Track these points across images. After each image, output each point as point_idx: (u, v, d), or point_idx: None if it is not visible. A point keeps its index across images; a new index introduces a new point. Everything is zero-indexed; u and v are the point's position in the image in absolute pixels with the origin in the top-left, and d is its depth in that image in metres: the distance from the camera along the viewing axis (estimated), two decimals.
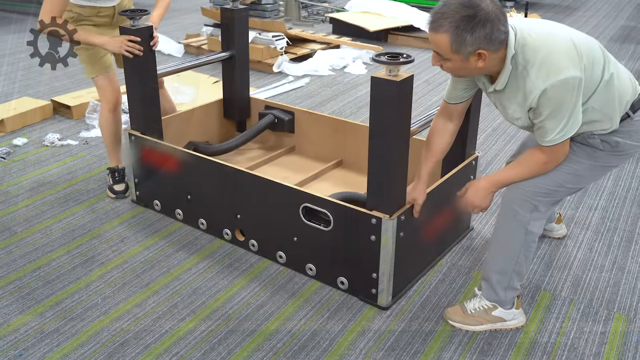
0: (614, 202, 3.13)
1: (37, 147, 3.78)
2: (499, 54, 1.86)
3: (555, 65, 1.82)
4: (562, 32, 1.93)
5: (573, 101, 1.84)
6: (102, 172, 3.45)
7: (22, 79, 5.03)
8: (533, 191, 2.05)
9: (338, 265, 2.41)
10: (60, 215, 3.01)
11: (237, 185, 2.63)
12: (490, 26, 1.77)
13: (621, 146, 2.02)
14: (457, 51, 1.81)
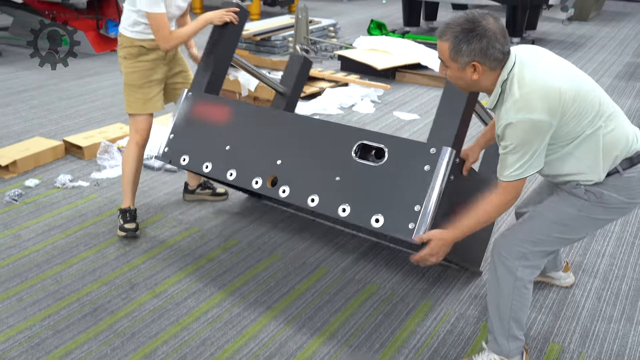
0: (622, 249, 3.14)
1: (49, 189, 3.82)
2: (494, 74, 1.96)
3: (530, 105, 1.89)
4: (557, 79, 1.93)
5: (537, 143, 1.91)
6: (112, 215, 3.49)
7: (35, 117, 5.11)
8: (520, 238, 2.12)
9: (377, 202, 2.37)
10: (70, 261, 3.04)
11: (286, 130, 2.71)
12: (487, 41, 1.88)
13: (606, 198, 2.04)
14: (454, 59, 1.93)
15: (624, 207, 2.09)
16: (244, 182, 2.73)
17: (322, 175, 2.53)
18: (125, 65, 3.13)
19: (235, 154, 2.82)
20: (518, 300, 2.16)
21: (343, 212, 2.42)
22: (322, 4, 11.01)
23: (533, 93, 1.89)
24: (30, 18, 7.54)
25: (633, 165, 2.02)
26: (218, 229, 3.33)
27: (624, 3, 11.19)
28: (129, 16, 3.06)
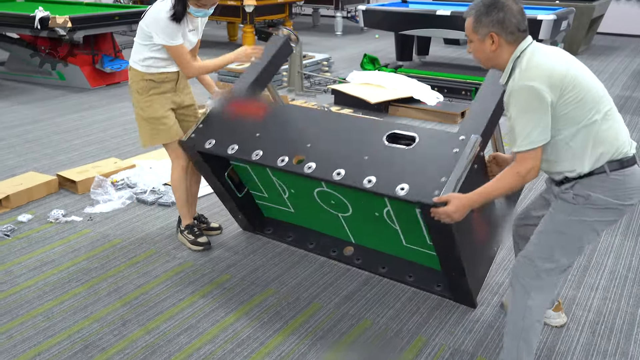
0: (615, 282, 3.14)
1: (42, 224, 3.81)
2: (510, 48, 2.17)
3: (530, 75, 2.07)
4: (563, 66, 2.09)
5: (539, 112, 2.06)
6: (105, 250, 3.47)
7: (29, 152, 5.12)
8: (531, 258, 2.28)
9: (403, 174, 2.50)
10: (62, 297, 3.01)
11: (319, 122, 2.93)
12: (504, 14, 2.12)
13: (593, 199, 2.15)
14: (475, 31, 2.18)
15: (613, 207, 2.17)
16: (269, 160, 2.85)
17: (351, 154, 2.69)
18: (139, 100, 3.23)
19: (265, 138, 2.96)
20: (530, 321, 2.29)
21: (368, 183, 2.54)
22: (315, 38, 11.16)
23: (537, 68, 2.08)
24: (26, 53, 7.61)
25: (622, 168, 2.14)
26: (211, 264, 3.32)
27: (613, 37, 11.38)
28: (139, 50, 3.16)
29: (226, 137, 3.06)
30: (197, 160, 3.25)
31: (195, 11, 3.09)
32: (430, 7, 8.65)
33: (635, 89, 7.33)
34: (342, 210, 3.11)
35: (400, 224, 2.92)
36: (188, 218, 3.49)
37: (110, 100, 6.82)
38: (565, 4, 8.79)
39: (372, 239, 3.20)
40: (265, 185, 3.35)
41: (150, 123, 3.25)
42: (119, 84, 7.62)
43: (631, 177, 2.16)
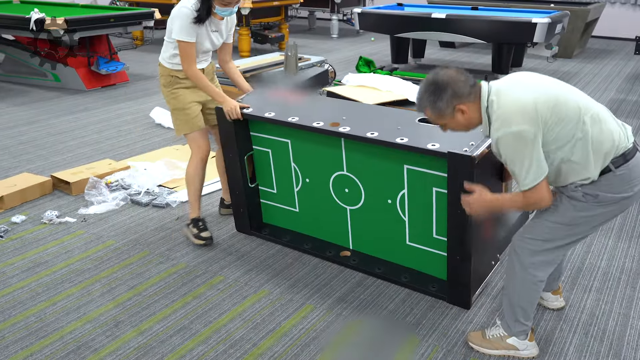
0: (609, 284, 3.14)
1: (35, 225, 3.80)
2: (476, 105, 2.23)
3: (508, 120, 2.13)
4: (531, 94, 2.16)
5: (528, 150, 2.12)
6: (99, 251, 3.47)
7: (23, 153, 5.11)
8: (531, 237, 2.37)
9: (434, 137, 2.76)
10: (55, 298, 3.01)
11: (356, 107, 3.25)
12: (451, 87, 2.19)
13: (601, 198, 2.23)
14: (441, 116, 2.25)
15: (619, 201, 2.25)
16: (305, 121, 3.06)
17: (384, 125, 2.91)
18: (166, 92, 3.42)
19: (301, 110, 3.20)
20: (526, 292, 2.43)
21: (401, 141, 2.73)
22: (311, 41, 11.17)
23: (509, 109, 2.14)
24: (21, 55, 7.60)
25: (625, 162, 2.20)
26: (205, 266, 3.31)
27: (608, 41, 11.42)
28: (167, 49, 3.33)
29: (264, 106, 3.29)
30: (227, 130, 3.36)
31: (221, 11, 3.20)
32: (426, 10, 8.68)
33: (630, 92, 7.36)
34: (352, 202, 3.18)
35: (410, 213, 2.99)
36: (196, 212, 3.56)
37: (105, 102, 6.81)
38: (560, 8, 8.83)
39: (373, 241, 3.23)
40: (279, 175, 3.43)
41: (175, 113, 3.43)
42: (114, 85, 7.61)
43: (635, 167, 2.23)
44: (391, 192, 3.01)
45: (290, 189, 3.43)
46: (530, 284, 2.42)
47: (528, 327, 2.52)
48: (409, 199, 2.97)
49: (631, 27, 11.38)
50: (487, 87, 2.23)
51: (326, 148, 3.16)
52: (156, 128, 5.82)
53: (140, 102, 6.84)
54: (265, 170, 3.50)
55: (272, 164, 3.43)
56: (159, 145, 5.29)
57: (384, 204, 3.07)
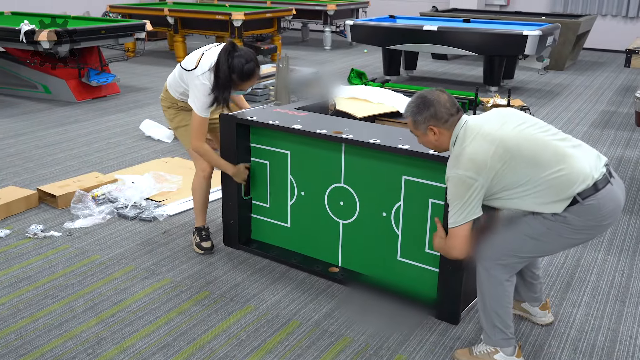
0: (598, 298, 3.11)
1: (20, 239, 3.75)
2: (448, 133, 2.37)
3: (459, 163, 2.28)
4: (492, 142, 2.26)
5: (467, 195, 2.26)
6: (83, 266, 3.42)
7: (10, 166, 5.06)
8: (497, 245, 2.42)
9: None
10: (37, 314, 2.95)
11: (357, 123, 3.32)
12: (434, 108, 2.34)
13: (569, 220, 2.27)
14: (416, 128, 2.41)
15: (589, 229, 2.30)
16: (309, 127, 3.13)
17: (386, 135, 3.00)
18: (170, 112, 3.55)
19: (305, 120, 3.27)
20: (495, 294, 2.44)
21: (403, 146, 2.83)
22: (304, 52, 11.18)
23: (465, 153, 2.28)
24: (11, 66, 7.56)
25: (595, 193, 2.23)
26: (191, 280, 3.27)
27: (600, 53, 11.47)
28: (177, 84, 3.39)
29: (267, 116, 3.34)
30: (228, 141, 3.38)
31: (235, 93, 3.39)
32: (418, 22, 8.70)
33: (621, 105, 7.37)
34: (346, 216, 3.18)
35: (405, 226, 2.99)
36: (200, 221, 3.62)
37: (95, 114, 6.78)
38: (551, 20, 8.87)
39: (363, 257, 3.20)
40: (274, 188, 3.43)
41: (180, 130, 3.55)
42: (105, 97, 7.58)
43: (605, 200, 2.25)
44: (387, 204, 3.02)
45: (284, 203, 3.42)
46: (497, 285, 2.44)
47: (507, 334, 2.48)
48: (405, 211, 2.97)
49: (622, 39, 11.44)
50: (463, 121, 2.37)
51: (326, 158, 3.17)
52: (146, 140, 5.79)
53: (131, 114, 6.81)
54: (260, 183, 3.49)
55: (269, 176, 3.44)
56: (148, 157, 5.26)
57: (379, 217, 3.07)
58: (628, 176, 4.86)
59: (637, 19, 11.36)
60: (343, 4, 11.47)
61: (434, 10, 10.42)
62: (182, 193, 4.38)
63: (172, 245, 3.67)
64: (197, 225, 3.63)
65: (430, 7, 11.89)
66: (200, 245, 3.55)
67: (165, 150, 5.46)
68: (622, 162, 5.20)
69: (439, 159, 2.69)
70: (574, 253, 3.57)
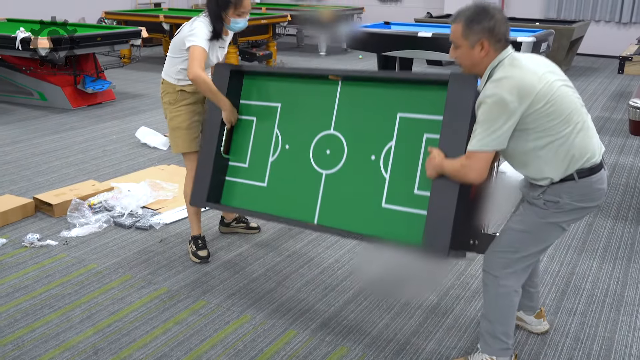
0: (593, 307, 3.13)
1: (16, 248, 3.75)
2: (494, 55, 2.26)
3: (502, 85, 2.16)
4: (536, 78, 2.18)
5: (501, 121, 2.16)
6: (80, 275, 3.42)
7: (6, 174, 5.06)
8: (499, 250, 2.44)
9: None
10: (33, 324, 2.95)
11: None
12: (494, 22, 2.21)
13: (561, 205, 2.30)
14: (466, 37, 2.25)
15: (578, 210, 2.34)
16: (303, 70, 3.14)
17: None
18: (170, 110, 3.45)
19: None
20: (502, 305, 2.46)
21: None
22: (299, 58, 11.20)
23: (509, 79, 2.17)
24: (7, 74, 7.56)
25: (589, 175, 2.28)
26: (187, 290, 3.28)
27: (593, 58, 11.53)
28: (173, 64, 3.37)
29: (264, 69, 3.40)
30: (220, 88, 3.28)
31: (235, 23, 3.29)
32: (412, 29, 8.73)
33: (614, 110, 7.41)
34: (331, 165, 3.04)
35: (394, 167, 2.82)
36: (195, 229, 3.62)
37: (91, 121, 6.78)
38: (544, 26, 8.91)
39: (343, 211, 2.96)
40: (257, 145, 3.30)
41: (176, 132, 3.46)
42: (100, 104, 7.58)
43: (597, 182, 2.31)
44: (377, 146, 2.88)
45: (264, 161, 3.26)
46: (505, 296, 2.45)
47: (508, 345, 2.51)
48: (396, 152, 2.82)
49: (616, 45, 11.50)
50: (509, 51, 2.27)
51: (318, 105, 3.09)
52: (141, 148, 5.79)
53: (127, 120, 6.82)
54: (242, 143, 3.35)
55: (253, 133, 3.31)
56: (144, 165, 5.26)
57: (367, 161, 2.91)
58: (622, 183, 4.89)
59: (631, 24, 11.42)
60: (338, 10, 11.50)
61: (429, 16, 10.46)
62: (178, 201, 4.39)
63: (168, 254, 3.67)
64: (193, 233, 3.63)
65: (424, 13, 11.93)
66: (196, 254, 3.55)
67: (161, 158, 5.46)
68: (617, 169, 5.23)
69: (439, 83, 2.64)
70: (569, 260, 3.60)
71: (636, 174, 5.10)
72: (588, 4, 11.57)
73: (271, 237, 3.90)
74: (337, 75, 3.07)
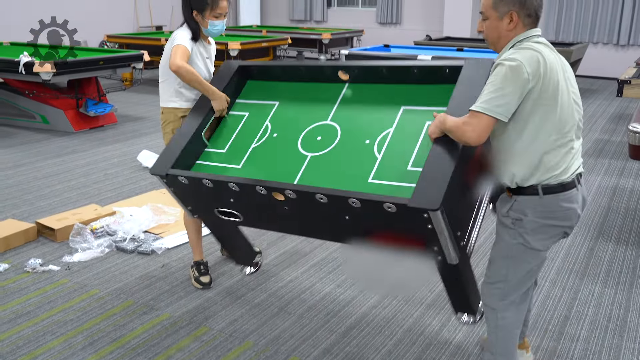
0: (596, 332, 3.13)
1: (18, 274, 3.75)
2: (521, 30, 2.24)
3: (519, 55, 2.15)
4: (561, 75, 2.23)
5: (511, 87, 2.12)
6: (82, 301, 3.42)
7: (9, 197, 5.07)
8: (491, 282, 2.45)
9: None
10: (35, 351, 2.95)
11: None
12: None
13: (525, 223, 2.30)
14: (495, 8, 2.23)
15: (545, 228, 2.31)
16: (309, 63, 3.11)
17: None
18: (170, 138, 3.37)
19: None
20: (504, 337, 2.47)
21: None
22: None
23: (535, 52, 2.17)
24: (9, 97, 7.61)
25: (557, 192, 2.26)
26: (190, 316, 3.27)
27: (592, 80, 11.61)
28: (167, 89, 3.37)
29: None
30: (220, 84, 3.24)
31: (212, 26, 3.30)
32: (412, 51, 8.81)
33: (614, 133, 7.45)
34: (319, 149, 2.84)
35: (389, 149, 2.65)
36: (197, 255, 3.63)
37: (93, 145, 6.81)
38: None
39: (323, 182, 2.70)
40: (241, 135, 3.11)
41: None
42: (102, 127, 7.63)
43: (565, 200, 2.28)
44: (374, 132, 2.76)
45: (245, 146, 3.05)
46: (505, 328, 2.46)
47: None
48: (393, 136, 2.70)
49: (614, 67, 11.59)
50: (537, 32, 2.27)
51: (318, 101, 3.03)
52: (143, 171, 5.81)
53: (128, 144, 6.85)
54: (225, 132, 3.19)
55: (241, 125, 3.16)
56: (146, 189, 5.28)
57: (359, 145, 2.75)
58: (623, 206, 4.91)
59: (628, 46, 11.52)
60: (338, 33, 11.61)
61: (428, 39, 10.55)
62: (180, 225, 4.39)
63: (170, 279, 3.68)
64: (195, 259, 3.63)
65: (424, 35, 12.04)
66: (198, 279, 3.56)
67: None
68: (617, 192, 5.24)
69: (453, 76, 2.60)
70: (571, 285, 3.60)
71: (636, 197, 5.11)
72: (586, 26, 11.69)
73: (272, 263, 3.90)
74: (346, 72, 3.01)
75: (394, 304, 3.36)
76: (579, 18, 11.70)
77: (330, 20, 14.60)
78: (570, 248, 4.09)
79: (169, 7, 13.53)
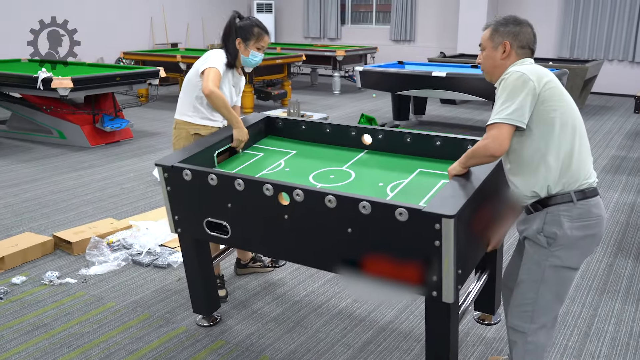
0: (617, 349, 3.08)
1: (35, 286, 3.77)
2: (515, 60, 2.34)
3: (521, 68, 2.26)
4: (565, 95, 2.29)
5: (522, 94, 2.18)
6: (99, 314, 3.42)
7: (26, 211, 5.11)
8: (518, 305, 2.41)
9: None
10: None
11: None
12: (521, 28, 2.34)
13: (560, 238, 2.26)
14: (491, 39, 2.37)
15: (580, 240, 2.28)
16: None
17: None
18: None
19: None
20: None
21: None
22: (314, 97, 11.33)
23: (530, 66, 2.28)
24: (27, 112, 7.71)
25: (585, 198, 2.26)
26: (205, 330, 3.26)
27: (607, 97, 11.56)
28: (185, 102, 3.41)
29: None
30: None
31: (253, 56, 3.39)
32: (426, 68, 8.83)
33: (631, 149, 7.39)
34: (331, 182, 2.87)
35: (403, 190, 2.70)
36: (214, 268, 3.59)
37: (109, 159, 6.86)
38: (558, 66, 8.97)
39: None
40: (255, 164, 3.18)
41: None
42: (118, 142, 7.69)
43: (595, 206, 2.28)
44: (388, 179, 2.84)
45: (255, 172, 3.06)
46: (533, 353, 2.41)
47: None
48: (406, 185, 2.77)
49: (630, 84, 11.55)
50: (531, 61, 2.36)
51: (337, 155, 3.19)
52: (159, 186, 5.84)
53: (144, 159, 6.90)
54: (235, 163, 3.22)
55: (253, 160, 3.24)
56: (162, 203, 5.30)
57: (372, 185, 2.80)
58: None
59: None
60: (352, 50, 11.67)
61: (442, 55, 10.58)
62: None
63: (186, 293, 3.67)
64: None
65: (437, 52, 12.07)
66: None
67: None
68: (635, 208, 5.19)
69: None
70: (590, 302, 3.55)
71: None
72: (601, 43, 11.67)
73: (288, 277, 3.89)
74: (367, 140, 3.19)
75: (411, 319, 3.34)
76: (594, 35, 11.69)
77: (344, 37, 14.70)
78: (589, 264, 4.05)
79: (184, 25, 13.69)
